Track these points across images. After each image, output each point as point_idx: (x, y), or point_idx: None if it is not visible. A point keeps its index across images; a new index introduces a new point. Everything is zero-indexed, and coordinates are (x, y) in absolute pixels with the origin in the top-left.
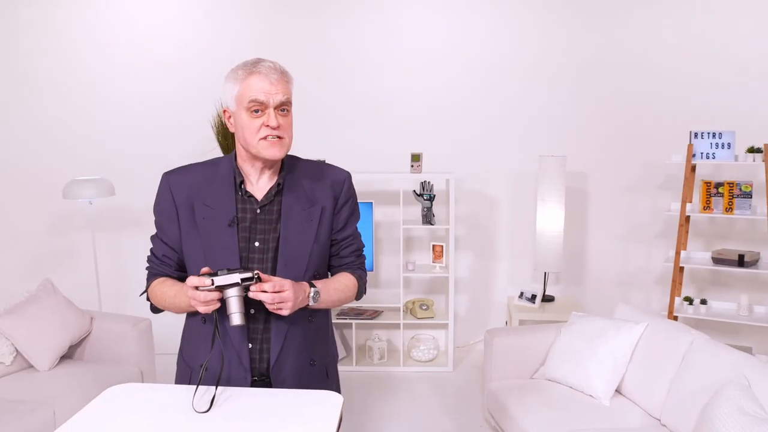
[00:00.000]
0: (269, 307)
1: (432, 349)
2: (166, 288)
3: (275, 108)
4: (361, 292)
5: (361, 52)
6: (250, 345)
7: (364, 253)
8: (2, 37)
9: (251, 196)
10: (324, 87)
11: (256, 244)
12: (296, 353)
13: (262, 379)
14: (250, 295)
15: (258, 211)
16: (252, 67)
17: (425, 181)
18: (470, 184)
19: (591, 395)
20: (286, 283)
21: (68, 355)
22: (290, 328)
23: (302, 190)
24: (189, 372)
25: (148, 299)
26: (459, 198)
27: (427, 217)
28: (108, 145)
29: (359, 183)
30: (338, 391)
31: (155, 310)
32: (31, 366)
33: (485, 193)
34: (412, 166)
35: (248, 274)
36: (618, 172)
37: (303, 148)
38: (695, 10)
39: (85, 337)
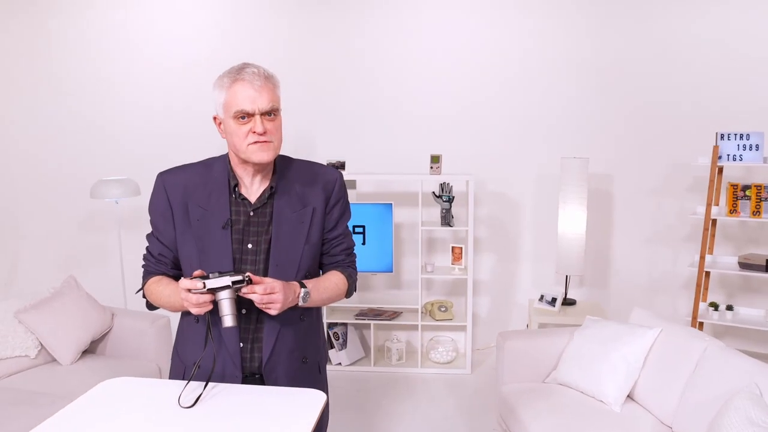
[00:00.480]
0: (258, 306)
1: (450, 351)
2: (161, 287)
3: (261, 114)
4: (351, 290)
5: (381, 53)
6: (241, 344)
7: (354, 251)
8: (31, 41)
9: (245, 199)
10: (344, 88)
11: (249, 246)
12: (289, 352)
13: (254, 376)
14: (241, 294)
15: (251, 213)
16: (236, 74)
17: (444, 183)
18: (491, 186)
19: (602, 401)
20: (277, 285)
21: (90, 350)
22: (282, 328)
23: (294, 192)
24: (183, 368)
25: (144, 297)
26: (480, 200)
27: (446, 219)
28: (134, 146)
29: (379, 184)
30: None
31: (151, 307)
32: (54, 360)
33: (507, 194)
34: (431, 167)
35: (239, 277)
36: (643, 173)
37: (323, 150)
38: (721, 8)
39: (107, 333)
